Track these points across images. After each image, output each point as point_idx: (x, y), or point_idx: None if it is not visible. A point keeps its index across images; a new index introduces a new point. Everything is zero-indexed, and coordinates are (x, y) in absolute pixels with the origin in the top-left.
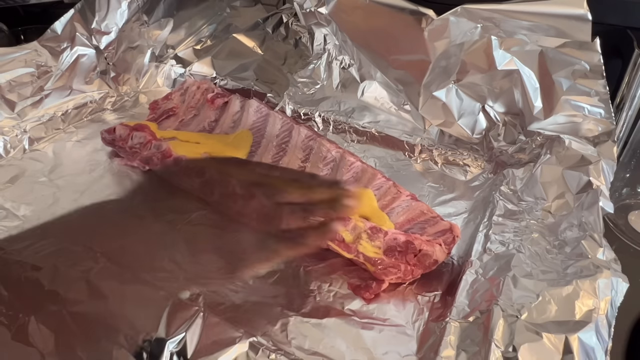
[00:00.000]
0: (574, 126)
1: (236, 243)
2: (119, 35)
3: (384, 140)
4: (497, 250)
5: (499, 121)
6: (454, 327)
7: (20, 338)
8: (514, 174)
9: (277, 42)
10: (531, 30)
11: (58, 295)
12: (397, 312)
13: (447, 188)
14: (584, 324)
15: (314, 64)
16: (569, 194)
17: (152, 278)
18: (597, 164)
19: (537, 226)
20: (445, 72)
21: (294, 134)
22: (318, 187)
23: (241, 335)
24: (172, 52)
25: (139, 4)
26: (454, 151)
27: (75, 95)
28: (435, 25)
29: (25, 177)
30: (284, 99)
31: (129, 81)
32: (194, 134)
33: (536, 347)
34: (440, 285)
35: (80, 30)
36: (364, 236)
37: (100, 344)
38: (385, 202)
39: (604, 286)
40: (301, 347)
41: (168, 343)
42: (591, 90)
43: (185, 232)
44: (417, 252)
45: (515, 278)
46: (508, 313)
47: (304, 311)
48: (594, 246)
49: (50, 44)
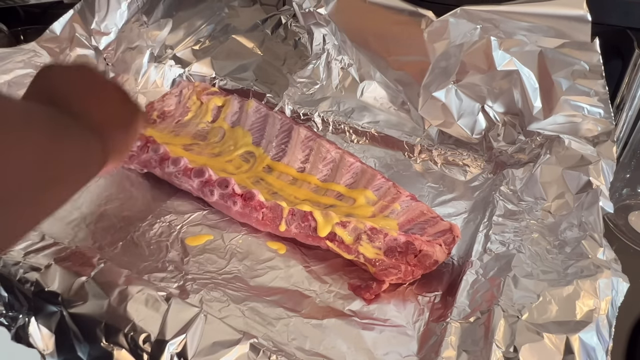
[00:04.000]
0: (574, 126)
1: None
2: (118, 36)
3: (383, 140)
4: (498, 251)
5: (498, 121)
6: (454, 328)
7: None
8: (514, 174)
9: (277, 43)
10: (530, 31)
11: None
12: (398, 312)
13: (447, 188)
14: (585, 324)
15: (313, 64)
16: (569, 194)
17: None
18: (596, 163)
19: (537, 226)
20: (445, 72)
21: (293, 134)
22: None
23: (242, 337)
24: (171, 53)
25: (138, 5)
26: (454, 151)
27: None
28: (435, 27)
29: None
30: (283, 99)
31: (128, 82)
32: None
33: (537, 348)
34: (441, 285)
35: (79, 31)
36: (364, 237)
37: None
38: (385, 203)
39: (604, 286)
40: (302, 347)
41: (169, 344)
42: (590, 90)
43: None
44: (418, 253)
45: (515, 278)
46: (509, 313)
47: (305, 312)
48: (594, 246)
49: (49, 45)
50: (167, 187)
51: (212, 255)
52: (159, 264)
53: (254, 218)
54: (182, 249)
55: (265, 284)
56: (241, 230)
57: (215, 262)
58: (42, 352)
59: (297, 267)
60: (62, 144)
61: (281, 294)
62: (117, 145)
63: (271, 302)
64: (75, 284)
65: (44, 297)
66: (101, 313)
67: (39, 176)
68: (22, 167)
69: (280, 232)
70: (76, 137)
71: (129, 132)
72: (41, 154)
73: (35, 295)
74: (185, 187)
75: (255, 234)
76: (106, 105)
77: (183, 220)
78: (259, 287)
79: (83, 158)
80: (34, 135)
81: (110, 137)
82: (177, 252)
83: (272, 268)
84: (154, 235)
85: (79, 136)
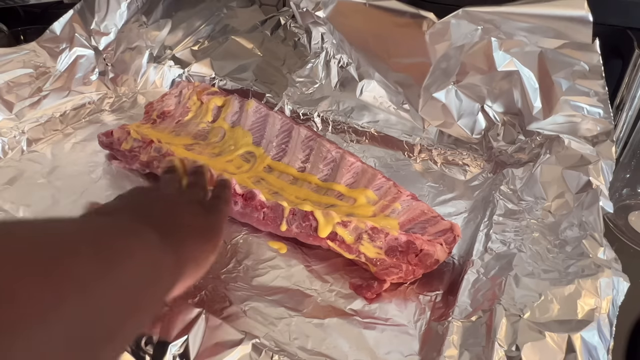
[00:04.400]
0: (573, 126)
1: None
2: (118, 36)
3: (383, 140)
4: (498, 250)
5: (498, 121)
6: (456, 327)
7: None
8: (514, 173)
9: (276, 44)
10: (531, 32)
11: None
12: (399, 311)
13: (447, 188)
14: (587, 323)
15: (312, 62)
16: (569, 194)
17: None
18: (596, 163)
19: (537, 225)
20: (445, 73)
21: (293, 134)
22: None
23: (244, 337)
24: (170, 53)
25: (138, 5)
26: (454, 151)
27: (73, 96)
28: (436, 29)
29: (23, 178)
30: (283, 99)
31: (127, 82)
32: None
33: (539, 346)
34: (442, 284)
35: (79, 31)
36: (365, 237)
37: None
38: (385, 202)
39: (605, 285)
40: (304, 347)
41: (170, 346)
42: (590, 90)
43: None
44: (419, 252)
45: (517, 277)
46: (510, 312)
47: (306, 311)
48: (594, 245)
49: (49, 45)
50: None
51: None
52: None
53: (255, 218)
54: None
55: (266, 284)
56: (242, 230)
57: (216, 262)
58: None
59: (298, 266)
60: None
61: (282, 294)
62: (192, 255)
63: (272, 301)
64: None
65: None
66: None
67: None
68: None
69: (281, 232)
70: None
71: (208, 240)
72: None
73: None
74: None
75: (256, 234)
76: (179, 211)
77: None
78: (260, 287)
79: (153, 273)
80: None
81: (184, 246)
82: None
83: (273, 268)
84: None
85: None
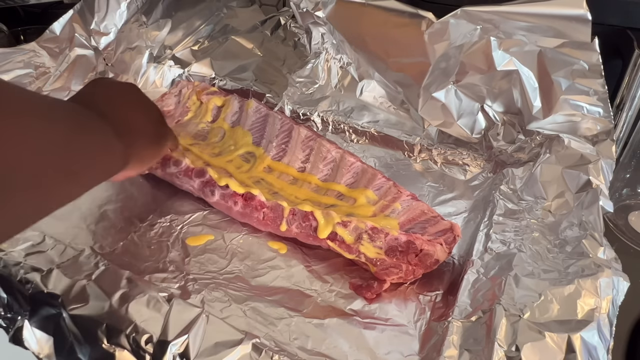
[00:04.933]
0: (573, 125)
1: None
2: (118, 36)
3: (383, 140)
4: (498, 250)
5: (497, 121)
6: (456, 327)
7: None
8: (514, 173)
9: (276, 44)
10: (530, 31)
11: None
12: (399, 311)
13: (447, 187)
14: (586, 323)
15: (312, 62)
16: (569, 193)
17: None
18: (596, 163)
19: (537, 225)
20: (445, 73)
21: (293, 134)
22: None
23: (244, 337)
24: (170, 53)
25: (138, 5)
26: (454, 151)
27: None
28: (435, 28)
29: None
30: (283, 100)
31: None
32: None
33: (539, 346)
34: (442, 284)
35: (79, 31)
36: (365, 237)
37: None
38: (385, 202)
39: (605, 285)
40: (304, 347)
41: (171, 345)
42: (590, 89)
43: None
44: (419, 252)
45: (517, 277)
46: (510, 312)
47: (306, 311)
48: (594, 245)
49: (48, 45)
50: (167, 188)
51: (213, 256)
52: (160, 265)
53: (255, 218)
54: (183, 249)
55: (266, 284)
56: (242, 230)
57: (217, 262)
58: (37, 355)
59: (298, 266)
60: (83, 138)
61: (282, 294)
62: (139, 153)
63: (273, 301)
64: (77, 285)
65: (43, 299)
66: (102, 314)
67: (56, 164)
68: (40, 153)
69: (281, 232)
70: (99, 136)
71: (154, 146)
72: (61, 144)
73: (34, 297)
74: (186, 187)
75: (256, 234)
76: (138, 117)
77: (184, 221)
78: (260, 287)
79: (102, 156)
80: (55, 125)
81: (134, 144)
82: (178, 253)
83: (273, 268)
84: (154, 236)
85: (102, 135)
